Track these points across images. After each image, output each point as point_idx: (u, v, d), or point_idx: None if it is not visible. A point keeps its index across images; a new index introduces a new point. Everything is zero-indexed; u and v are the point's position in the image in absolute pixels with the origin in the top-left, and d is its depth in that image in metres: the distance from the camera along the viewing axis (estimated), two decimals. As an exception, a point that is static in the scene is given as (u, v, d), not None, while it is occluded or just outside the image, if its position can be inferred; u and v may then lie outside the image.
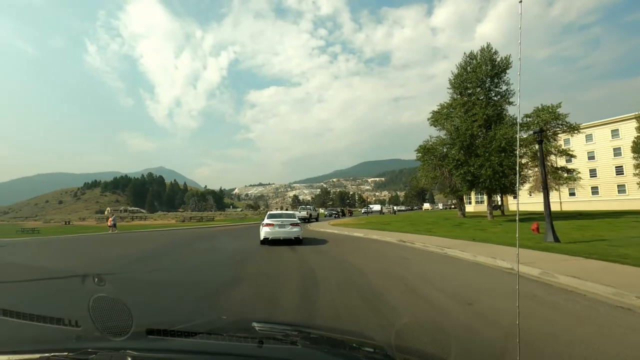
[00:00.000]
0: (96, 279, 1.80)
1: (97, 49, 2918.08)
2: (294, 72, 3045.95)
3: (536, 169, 32.38)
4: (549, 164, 31.51)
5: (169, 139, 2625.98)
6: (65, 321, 1.58)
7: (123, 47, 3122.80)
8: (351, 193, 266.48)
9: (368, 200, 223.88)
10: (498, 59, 24.10)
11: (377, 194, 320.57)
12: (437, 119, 33.76)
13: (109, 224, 27.32)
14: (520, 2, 1.83)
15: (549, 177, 31.05)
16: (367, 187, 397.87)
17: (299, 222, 14.38)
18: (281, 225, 13.68)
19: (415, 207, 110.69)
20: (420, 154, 35.01)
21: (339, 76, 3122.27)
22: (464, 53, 25.44)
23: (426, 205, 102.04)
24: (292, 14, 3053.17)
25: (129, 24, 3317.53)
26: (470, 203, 64.62)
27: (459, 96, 26.65)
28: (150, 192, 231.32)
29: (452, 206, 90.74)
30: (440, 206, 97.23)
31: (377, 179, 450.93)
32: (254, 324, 2.22)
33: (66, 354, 1.21)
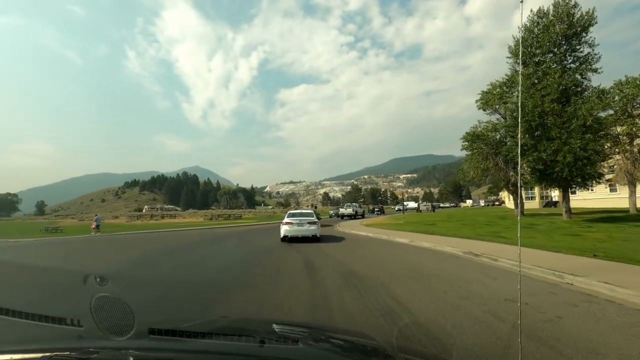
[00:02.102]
0: (98, 279, 1.62)
1: (136, 54, 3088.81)
2: (323, 70, 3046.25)
3: (618, 156, 26.37)
4: (635, 149, 25.43)
5: (203, 139, 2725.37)
6: (67, 320, 1.55)
7: (160, 52, 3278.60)
8: (383, 190, 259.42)
9: (400, 197, 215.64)
10: (577, 15, 18.78)
11: (409, 190, 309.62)
12: (488, 100, 28.63)
13: (92, 225, 24.96)
14: (522, 1, 1.95)
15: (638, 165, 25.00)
16: (399, 184, 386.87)
17: (316, 220, 14.75)
18: (299, 224, 14.05)
19: (451, 205, 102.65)
20: (466, 143, 29.96)
21: (368, 72, 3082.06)
22: (530, 10, 20.23)
23: (468, 202, 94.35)
24: (320, 11, 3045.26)
25: (164, 29, 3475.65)
26: (509, 199, 57.37)
27: (521, 67, 21.48)
28: (185, 191, 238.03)
29: (496, 203, 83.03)
30: (482, 203, 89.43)
31: (409, 175, 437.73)
32: (256, 324, 2.25)
33: (68, 353, 1.21)
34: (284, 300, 5.01)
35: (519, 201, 8.15)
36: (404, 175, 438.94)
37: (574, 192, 49.57)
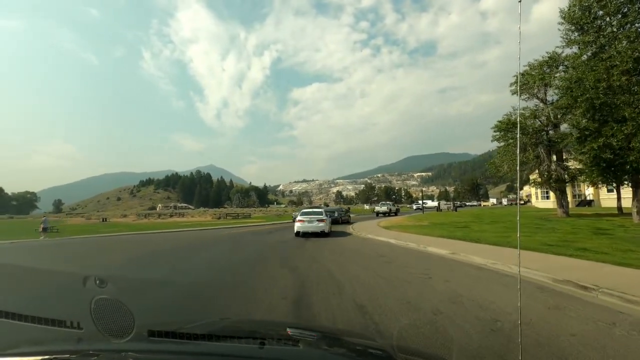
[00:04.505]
0: (98, 281, 1.55)
1: (151, 55, 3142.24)
2: (335, 68, 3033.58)
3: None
4: None
5: (218, 138, 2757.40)
6: (67, 323, 1.53)
7: (174, 52, 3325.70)
8: (397, 189, 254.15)
9: (416, 196, 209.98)
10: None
11: (424, 189, 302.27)
12: (526, 83, 24.66)
13: (40, 228, 22.09)
14: (520, 1, 1.87)
15: None
16: (414, 183, 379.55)
17: (325, 218, 16.29)
18: (310, 222, 15.71)
19: (478, 203, 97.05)
20: (499, 133, 26.02)
21: (382, 69, 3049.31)
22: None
23: (492, 200, 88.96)
24: (332, 9, 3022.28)
25: (179, 30, 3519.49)
26: (537, 197, 52.27)
27: (577, 35, 17.54)
28: (198, 189, 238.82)
29: (522, 201, 77.84)
30: (505, 202, 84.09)
31: (424, 173, 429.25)
32: (256, 325, 2.26)
33: (68, 355, 1.21)
34: None
35: (563, 200, 4.64)
36: (418, 174, 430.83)
37: (610, 190, 44.53)
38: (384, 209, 39.70)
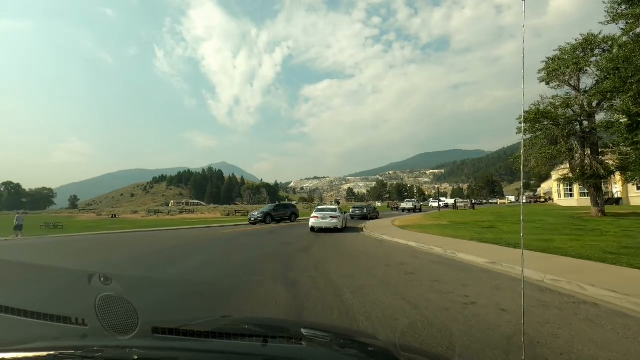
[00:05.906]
0: (102, 278, 1.57)
1: (164, 53, 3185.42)
2: (347, 64, 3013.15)
3: None
4: None
5: (230, 136, 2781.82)
6: (72, 319, 1.56)
7: (187, 50, 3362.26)
8: (409, 186, 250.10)
9: (427, 193, 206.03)
10: None
11: (437, 186, 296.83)
12: (558, 68, 22.37)
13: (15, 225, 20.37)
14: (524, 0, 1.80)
15: None
16: (426, 180, 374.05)
17: (337, 215, 17.06)
18: (323, 218, 16.70)
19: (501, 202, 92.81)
20: (526, 124, 23.78)
21: (394, 65, 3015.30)
22: None
23: (510, 198, 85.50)
24: (344, 4, 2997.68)
25: (191, 28, 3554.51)
26: (559, 195, 49.03)
27: (624, 7, 15.29)
28: (210, 186, 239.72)
29: (540, 199, 74.49)
30: (524, 199, 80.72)
31: (437, 170, 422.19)
32: (259, 323, 2.24)
33: (73, 351, 1.22)
34: None
35: (599, 197, 2.83)
36: (430, 171, 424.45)
37: (640, 188, 41.19)
38: (410, 205, 44.80)
